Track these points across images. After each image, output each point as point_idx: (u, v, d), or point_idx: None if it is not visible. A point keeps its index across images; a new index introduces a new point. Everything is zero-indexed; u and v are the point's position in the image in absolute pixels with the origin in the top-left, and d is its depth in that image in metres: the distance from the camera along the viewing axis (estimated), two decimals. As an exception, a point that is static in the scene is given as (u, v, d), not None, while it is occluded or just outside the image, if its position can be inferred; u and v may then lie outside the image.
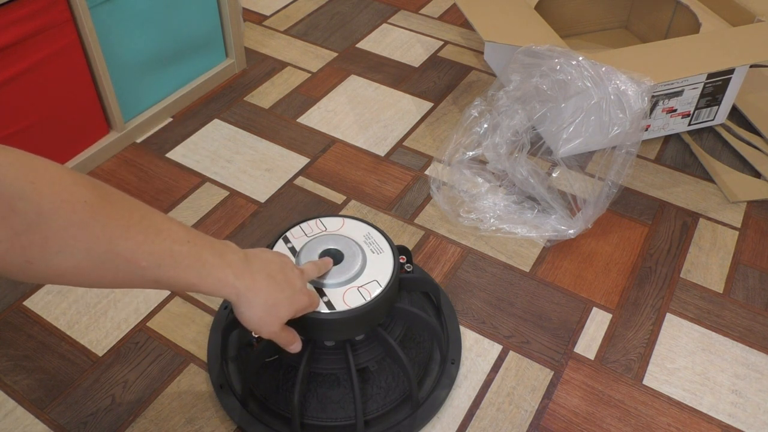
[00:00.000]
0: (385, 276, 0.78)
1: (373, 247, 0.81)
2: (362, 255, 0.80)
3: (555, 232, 1.06)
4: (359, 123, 1.30)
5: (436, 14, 1.62)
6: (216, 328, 0.92)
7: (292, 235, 0.83)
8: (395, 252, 0.81)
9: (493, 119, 1.07)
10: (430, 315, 0.91)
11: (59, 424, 0.83)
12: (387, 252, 0.81)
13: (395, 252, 0.81)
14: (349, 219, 0.85)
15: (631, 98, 0.99)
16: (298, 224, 0.84)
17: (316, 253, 0.79)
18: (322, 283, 0.77)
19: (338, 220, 0.85)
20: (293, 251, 0.80)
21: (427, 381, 0.86)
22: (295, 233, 0.83)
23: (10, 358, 0.90)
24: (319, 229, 0.83)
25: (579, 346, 0.93)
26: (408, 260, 0.89)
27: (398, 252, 0.83)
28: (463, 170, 1.12)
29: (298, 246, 0.81)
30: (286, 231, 0.83)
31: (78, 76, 1.11)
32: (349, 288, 0.77)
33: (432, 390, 0.85)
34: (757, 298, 1.00)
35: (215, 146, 1.24)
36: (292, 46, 1.50)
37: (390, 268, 0.79)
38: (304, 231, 0.83)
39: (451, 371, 0.87)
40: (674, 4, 1.33)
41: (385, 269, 0.79)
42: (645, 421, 0.85)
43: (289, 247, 0.81)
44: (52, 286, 0.98)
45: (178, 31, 1.25)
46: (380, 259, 0.80)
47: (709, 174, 1.19)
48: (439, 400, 0.84)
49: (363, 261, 0.79)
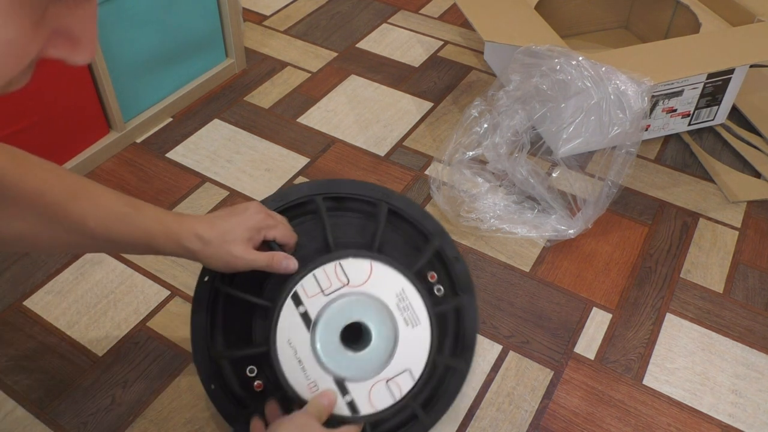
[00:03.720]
0: (419, 363, 0.65)
1: (407, 315, 0.66)
2: (394, 332, 0.65)
3: (555, 232, 1.06)
4: (359, 123, 1.30)
5: (436, 14, 1.62)
6: (198, 309, 0.74)
7: (304, 290, 0.65)
8: (434, 323, 0.67)
9: (493, 119, 1.07)
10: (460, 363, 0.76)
11: (59, 424, 0.83)
12: (424, 323, 0.66)
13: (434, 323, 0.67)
14: (378, 264, 0.67)
15: (631, 98, 0.99)
16: (311, 271, 0.66)
17: (336, 331, 0.65)
18: (344, 376, 0.64)
19: (364, 265, 0.66)
20: (307, 320, 0.65)
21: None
22: (309, 288, 0.65)
23: (10, 358, 0.90)
24: (340, 282, 0.66)
25: (579, 346, 0.93)
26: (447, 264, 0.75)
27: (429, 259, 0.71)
28: (463, 170, 1.11)
29: (313, 312, 0.65)
30: (298, 281, 0.65)
31: (78, 76, 1.11)
32: (376, 382, 0.64)
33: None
34: (757, 298, 1.00)
35: (215, 146, 1.24)
36: (292, 46, 1.50)
37: (425, 351, 0.65)
38: (320, 284, 0.66)
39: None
40: (674, 4, 1.33)
41: (419, 353, 0.65)
42: (645, 421, 0.85)
43: (301, 313, 0.65)
44: (52, 286, 0.98)
45: (178, 31, 1.25)
46: (415, 336, 0.65)
47: (709, 174, 1.19)
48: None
49: (395, 341, 0.65)
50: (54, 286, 0.98)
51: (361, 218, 0.76)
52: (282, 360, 0.65)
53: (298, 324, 0.64)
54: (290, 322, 0.65)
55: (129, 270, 1.01)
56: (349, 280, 0.65)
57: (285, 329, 0.65)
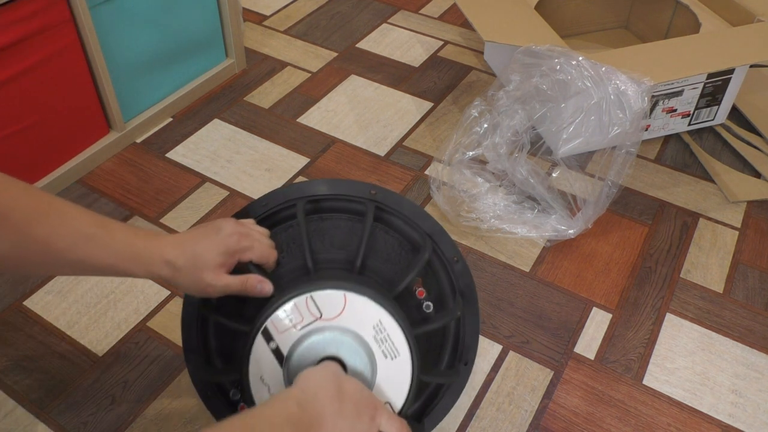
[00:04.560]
0: (399, 395, 0.62)
1: (386, 347, 0.61)
2: (371, 366, 0.61)
3: (555, 232, 1.06)
4: (359, 123, 1.30)
5: (436, 14, 1.62)
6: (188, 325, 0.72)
7: (274, 326, 0.60)
8: (414, 354, 0.62)
9: (493, 119, 1.07)
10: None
11: (59, 424, 0.83)
12: (404, 355, 0.62)
13: (414, 354, 0.62)
14: (353, 296, 0.61)
15: (631, 98, 0.99)
16: (281, 305, 0.61)
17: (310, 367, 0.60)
18: None
19: (338, 297, 0.61)
20: (279, 356, 0.60)
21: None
22: (279, 323, 0.61)
23: (10, 358, 0.90)
24: (312, 315, 0.61)
25: (579, 346, 0.93)
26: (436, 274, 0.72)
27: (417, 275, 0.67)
28: (463, 170, 1.11)
29: (284, 347, 0.60)
30: (267, 317, 0.61)
31: (78, 76, 1.11)
32: None
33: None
34: (757, 298, 1.00)
35: (215, 146, 1.24)
36: (292, 46, 1.50)
37: (407, 383, 0.62)
38: (291, 318, 0.61)
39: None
40: (674, 4, 1.33)
41: (400, 385, 0.62)
42: (645, 421, 0.85)
43: (273, 348, 0.60)
44: (52, 286, 0.98)
45: (178, 31, 1.25)
46: (395, 368, 0.62)
47: (709, 174, 1.19)
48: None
49: (372, 375, 0.61)
50: (54, 286, 0.98)
51: (349, 219, 0.74)
52: (257, 398, 0.63)
53: (270, 360, 0.61)
54: (262, 358, 0.62)
55: (129, 270, 1.01)
56: (322, 314, 0.61)
57: (257, 366, 0.62)
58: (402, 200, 0.73)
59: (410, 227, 0.73)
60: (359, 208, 0.73)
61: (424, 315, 0.71)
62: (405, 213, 0.73)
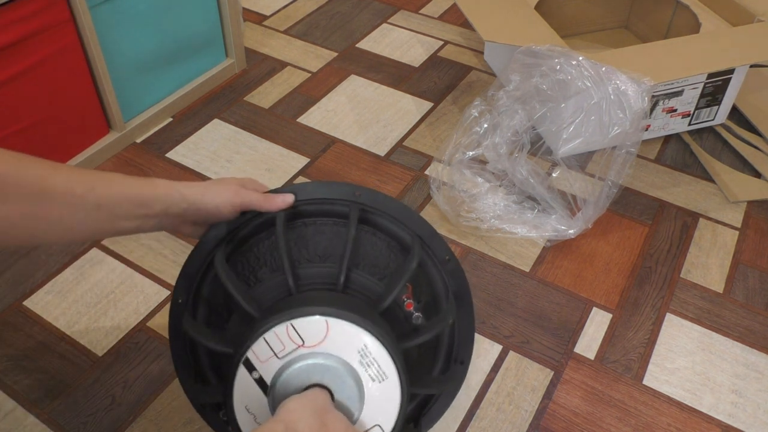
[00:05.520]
0: (389, 418, 0.60)
1: (372, 371, 0.59)
2: (359, 391, 0.59)
3: (555, 232, 1.06)
4: (359, 123, 1.30)
5: (436, 14, 1.62)
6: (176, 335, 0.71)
7: (256, 356, 0.58)
8: (402, 376, 0.60)
9: (493, 119, 1.07)
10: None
11: (59, 424, 0.83)
12: (392, 377, 0.59)
13: (402, 376, 0.60)
14: (335, 321, 0.59)
15: (631, 98, 0.99)
16: (261, 334, 0.58)
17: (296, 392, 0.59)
18: None
19: (319, 323, 0.58)
20: (263, 385, 0.59)
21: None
22: (261, 353, 0.58)
23: (10, 358, 0.90)
24: (294, 343, 0.58)
25: (579, 346, 0.93)
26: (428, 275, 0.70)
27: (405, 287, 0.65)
28: (463, 170, 1.12)
29: (267, 377, 0.59)
30: (248, 347, 0.58)
31: (78, 76, 1.11)
32: None
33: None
34: (757, 298, 1.00)
35: (215, 146, 1.24)
36: (292, 46, 1.50)
37: (396, 405, 0.60)
38: (272, 347, 0.58)
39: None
40: (674, 4, 1.33)
41: (389, 408, 0.60)
42: (645, 421, 0.85)
43: (256, 378, 0.59)
44: (51, 286, 0.98)
45: (178, 31, 1.25)
46: (384, 391, 0.60)
47: (709, 174, 1.19)
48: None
49: (360, 399, 0.59)
50: (54, 286, 0.99)
51: (334, 224, 0.71)
52: (244, 429, 0.61)
53: (254, 390, 0.59)
54: (246, 388, 0.60)
55: (129, 270, 1.01)
56: (304, 341, 0.58)
57: (241, 396, 0.60)
58: (388, 200, 0.71)
59: (398, 227, 0.71)
60: (344, 211, 0.71)
61: (415, 326, 0.69)
62: (392, 213, 0.71)
